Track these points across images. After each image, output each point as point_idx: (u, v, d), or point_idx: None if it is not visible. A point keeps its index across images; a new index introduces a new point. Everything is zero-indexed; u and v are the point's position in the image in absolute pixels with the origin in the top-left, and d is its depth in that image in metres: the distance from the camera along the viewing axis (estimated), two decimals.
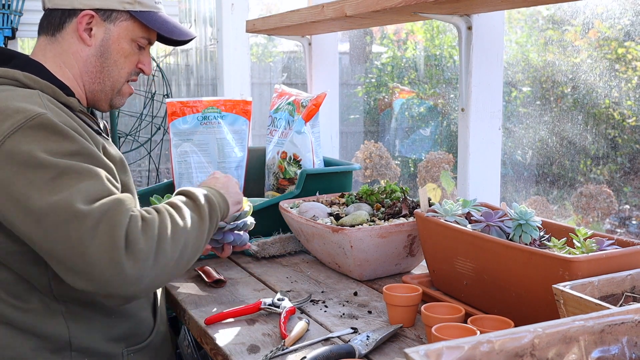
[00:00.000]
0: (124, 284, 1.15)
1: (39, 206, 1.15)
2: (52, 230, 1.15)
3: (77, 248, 1.13)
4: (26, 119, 1.22)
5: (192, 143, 2.29)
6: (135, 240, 1.16)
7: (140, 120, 3.47)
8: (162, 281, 1.23)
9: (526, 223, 1.38)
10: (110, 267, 1.13)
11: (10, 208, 1.18)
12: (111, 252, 1.13)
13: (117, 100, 1.54)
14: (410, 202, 1.85)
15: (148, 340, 1.47)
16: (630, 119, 2.65)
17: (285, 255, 2.00)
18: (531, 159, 3.07)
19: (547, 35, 3.10)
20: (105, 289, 1.15)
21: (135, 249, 1.16)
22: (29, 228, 1.17)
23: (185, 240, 1.26)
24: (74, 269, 1.15)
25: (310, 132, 2.19)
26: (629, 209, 2.68)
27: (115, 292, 1.16)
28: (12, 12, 3.02)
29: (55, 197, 1.16)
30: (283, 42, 5.10)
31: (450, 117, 3.75)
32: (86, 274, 1.14)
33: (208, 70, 4.54)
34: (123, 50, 1.48)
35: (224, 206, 1.43)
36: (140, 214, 1.21)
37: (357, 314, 1.51)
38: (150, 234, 1.19)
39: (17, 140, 1.20)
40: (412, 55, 4.46)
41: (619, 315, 0.85)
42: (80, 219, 1.14)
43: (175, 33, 1.53)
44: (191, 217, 1.30)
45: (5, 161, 1.19)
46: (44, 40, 1.46)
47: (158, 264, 1.19)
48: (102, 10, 1.44)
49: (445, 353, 0.73)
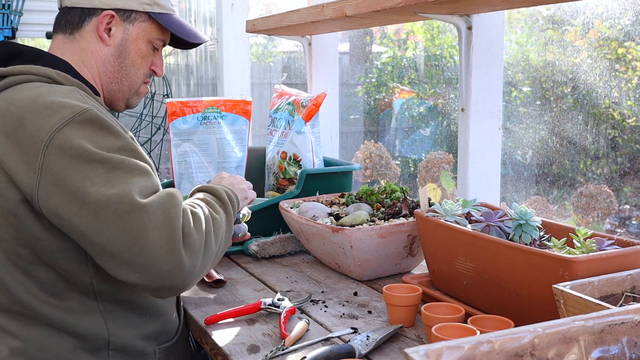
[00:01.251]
0: (181, 274, 1.18)
1: (97, 199, 1.17)
2: (110, 223, 1.16)
3: (137, 240, 1.15)
4: (74, 114, 1.23)
5: (192, 143, 2.29)
6: (189, 233, 1.20)
7: (140, 120, 3.47)
8: (205, 272, 1.28)
9: (526, 223, 1.38)
10: (170, 258, 1.16)
11: (64, 202, 1.19)
12: (171, 244, 1.16)
13: (133, 100, 1.55)
14: (410, 202, 1.85)
15: (175, 338, 1.48)
16: (630, 119, 2.65)
17: (285, 255, 2.00)
18: (531, 159, 3.07)
19: (547, 35, 3.11)
20: (160, 281, 1.18)
21: (191, 240, 1.20)
22: (84, 221, 1.18)
23: (221, 234, 1.32)
24: (129, 262, 1.16)
25: (310, 132, 2.19)
26: (629, 209, 2.69)
27: (171, 283, 1.18)
28: (12, 12, 3.02)
29: (112, 190, 1.17)
30: (283, 42, 5.10)
31: (450, 117, 3.75)
32: (143, 265, 1.16)
33: (208, 70, 4.54)
34: (140, 51, 1.49)
35: (236, 201, 1.47)
36: (189, 208, 1.25)
37: (357, 314, 1.51)
38: (200, 227, 1.24)
39: (67, 134, 1.21)
40: (412, 55, 4.46)
41: (619, 315, 0.85)
42: (139, 210, 1.16)
43: (192, 36, 1.55)
44: (221, 211, 1.35)
45: (57, 155, 1.20)
46: (62, 39, 1.46)
47: (207, 255, 1.24)
48: (122, 11, 1.45)
49: (445, 353, 0.73)
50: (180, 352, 1.51)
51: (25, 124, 1.23)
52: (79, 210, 1.18)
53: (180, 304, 1.56)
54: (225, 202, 1.38)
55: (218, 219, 1.32)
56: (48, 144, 1.20)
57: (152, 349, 1.42)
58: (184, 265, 1.18)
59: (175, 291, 1.22)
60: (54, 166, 1.19)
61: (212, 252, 1.27)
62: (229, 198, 1.41)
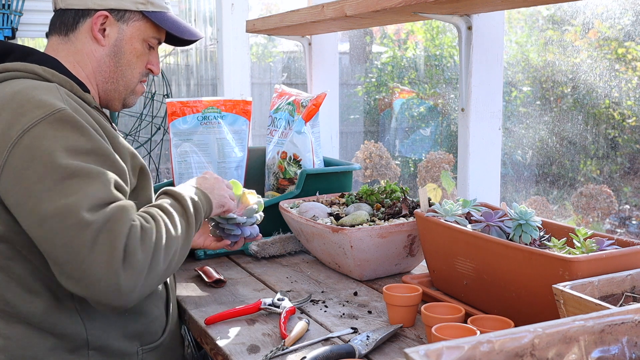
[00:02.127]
0: (116, 294, 1.16)
1: (45, 208, 1.16)
2: (53, 234, 1.15)
3: (77, 255, 1.14)
4: (46, 114, 1.24)
5: (192, 143, 2.29)
6: (133, 252, 1.17)
7: (140, 120, 3.47)
8: (149, 291, 1.23)
9: (526, 223, 1.38)
10: (106, 277, 1.14)
11: (18, 202, 1.20)
12: (109, 263, 1.14)
13: (130, 100, 1.55)
14: (410, 202, 1.85)
15: (161, 339, 1.47)
16: (630, 119, 2.65)
17: (285, 255, 2.00)
18: (531, 159, 3.07)
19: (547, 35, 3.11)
20: (97, 297, 1.16)
21: (133, 260, 1.16)
22: (31, 227, 1.19)
23: (175, 249, 1.26)
24: (69, 273, 1.16)
25: (310, 132, 2.19)
26: (629, 209, 2.69)
27: (106, 300, 1.16)
28: (12, 12, 3.02)
29: (62, 201, 1.16)
30: (283, 42, 5.09)
31: (450, 117, 3.75)
32: (81, 279, 1.15)
33: (208, 70, 4.54)
34: (136, 50, 1.49)
35: (207, 208, 1.44)
36: (140, 223, 1.21)
37: (357, 314, 1.51)
38: (147, 244, 1.19)
39: (37, 134, 1.21)
40: (412, 55, 4.46)
41: (619, 315, 0.85)
42: (83, 227, 1.14)
43: (186, 33, 1.55)
44: (180, 224, 1.30)
45: (22, 153, 1.20)
46: (56, 40, 1.46)
47: (150, 275, 1.20)
48: (115, 11, 1.45)
49: (445, 353, 0.73)
50: (168, 352, 1.50)
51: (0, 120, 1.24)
52: (29, 214, 1.18)
53: (170, 303, 1.53)
54: (188, 213, 1.33)
55: (173, 234, 1.26)
56: (16, 142, 1.21)
57: (135, 350, 1.41)
58: (120, 286, 1.15)
59: (113, 308, 1.20)
60: (17, 164, 1.20)
61: (159, 270, 1.22)
62: (194, 207, 1.36)
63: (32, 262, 1.30)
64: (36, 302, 1.31)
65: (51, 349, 1.31)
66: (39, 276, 1.30)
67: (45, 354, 1.31)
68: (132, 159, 1.39)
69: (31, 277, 1.30)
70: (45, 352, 1.31)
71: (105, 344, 1.36)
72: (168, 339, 1.49)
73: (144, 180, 1.43)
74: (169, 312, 1.52)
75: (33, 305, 1.30)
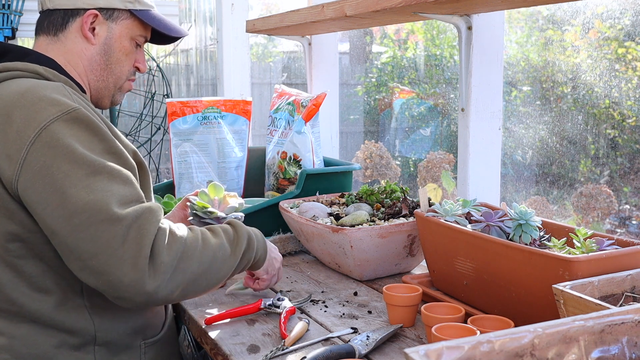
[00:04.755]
0: (139, 291, 1.17)
1: (74, 202, 1.17)
2: (83, 228, 1.17)
3: (105, 249, 1.16)
4: (62, 112, 1.25)
5: (192, 143, 2.29)
6: (159, 253, 1.19)
7: (140, 120, 3.47)
8: (175, 298, 1.25)
9: (526, 223, 1.38)
10: (132, 273, 1.16)
11: (42, 198, 1.20)
12: (136, 259, 1.16)
13: (118, 97, 1.56)
14: (410, 202, 1.85)
15: (161, 333, 1.49)
16: (630, 119, 2.65)
17: (285, 255, 2.00)
18: (531, 159, 3.07)
19: (547, 35, 3.10)
20: (119, 292, 1.18)
21: (158, 260, 1.18)
22: (57, 221, 1.19)
23: (209, 266, 1.28)
24: (93, 268, 1.17)
25: (310, 132, 2.19)
26: (629, 209, 2.68)
27: (129, 296, 1.18)
28: (12, 12, 3.02)
29: (91, 196, 1.18)
30: (283, 42, 5.09)
31: (450, 117, 3.75)
32: (105, 274, 1.16)
33: (208, 70, 4.54)
34: (125, 48, 1.51)
35: (262, 253, 1.46)
36: (169, 227, 1.23)
37: (357, 314, 1.51)
38: (174, 249, 1.21)
39: (55, 132, 1.22)
40: (412, 55, 4.46)
41: (619, 315, 0.85)
42: (113, 222, 1.16)
43: (173, 30, 1.58)
44: (223, 247, 1.32)
45: (43, 151, 1.21)
46: (45, 40, 1.47)
47: (174, 280, 1.21)
48: (105, 10, 1.47)
49: (445, 353, 0.73)
50: (168, 346, 1.51)
51: (12, 119, 1.24)
52: (54, 209, 1.19)
53: None
54: (238, 241, 1.36)
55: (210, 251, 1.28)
56: (35, 139, 1.21)
57: (138, 343, 1.42)
58: (144, 285, 1.17)
59: (135, 305, 1.21)
60: (38, 161, 1.20)
61: (185, 278, 1.23)
62: (248, 241, 1.38)
63: (43, 261, 1.30)
64: (45, 300, 1.31)
65: (57, 347, 1.32)
66: (49, 274, 1.31)
67: (50, 351, 1.31)
68: (134, 156, 1.41)
69: (41, 276, 1.31)
70: (50, 350, 1.31)
71: (111, 340, 1.37)
72: (167, 333, 1.51)
73: (143, 177, 1.45)
74: (167, 306, 1.55)
75: (41, 304, 1.31)
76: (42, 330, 1.31)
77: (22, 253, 1.29)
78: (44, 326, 1.32)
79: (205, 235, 1.31)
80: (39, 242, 1.28)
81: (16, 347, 1.30)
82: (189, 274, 1.24)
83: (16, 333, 1.31)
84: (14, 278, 1.30)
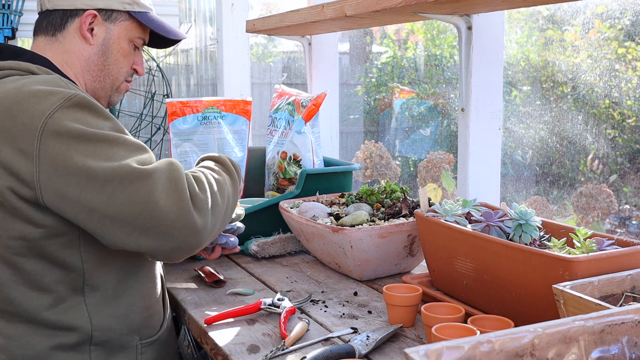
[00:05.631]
0: (194, 233, 1.24)
1: (102, 172, 1.21)
2: (118, 193, 1.20)
3: (147, 204, 1.20)
4: (63, 99, 1.26)
5: (192, 143, 2.29)
6: (195, 193, 1.26)
7: (140, 120, 3.47)
8: (217, 231, 1.34)
9: (526, 223, 1.38)
10: (182, 216, 1.22)
11: (69, 182, 1.21)
12: (180, 203, 1.22)
13: (115, 97, 1.58)
14: (410, 202, 1.85)
15: (159, 333, 1.48)
16: (630, 119, 2.65)
17: (285, 255, 2.00)
18: (531, 159, 3.07)
19: (547, 35, 3.10)
20: (174, 241, 1.23)
21: (197, 199, 1.26)
22: (91, 196, 1.21)
23: (227, 194, 1.38)
24: (141, 227, 1.21)
25: (310, 132, 2.19)
26: (629, 209, 2.68)
27: (185, 241, 1.23)
28: (12, 12, 3.02)
29: (115, 164, 1.22)
30: (283, 42, 5.09)
31: (450, 117, 3.75)
32: (157, 227, 1.21)
33: (208, 70, 4.53)
34: (123, 49, 1.52)
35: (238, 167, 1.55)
36: (191, 174, 1.32)
37: (357, 314, 1.51)
38: (204, 189, 1.30)
39: (60, 119, 1.23)
40: (412, 55, 4.46)
41: (619, 315, 0.85)
42: (144, 177, 1.22)
43: (171, 33, 1.59)
44: (224, 175, 1.43)
45: (54, 139, 1.22)
46: (43, 40, 1.47)
47: (215, 214, 1.30)
48: (103, 11, 1.47)
49: (445, 353, 0.73)
50: (165, 347, 1.51)
51: (14, 114, 1.24)
52: (84, 187, 1.21)
53: (166, 297, 1.55)
54: (227, 167, 1.46)
55: (221, 180, 1.39)
56: (42, 130, 1.22)
57: (135, 343, 1.42)
58: (195, 223, 1.23)
59: (190, 250, 1.27)
60: (53, 150, 1.21)
61: (220, 211, 1.33)
62: (233, 164, 1.49)
63: (44, 258, 1.30)
64: (43, 298, 1.31)
65: (52, 347, 1.32)
66: (49, 272, 1.31)
67: (46, 352, 1.31)
68: None
69: (41, 274, 1.31)
70: (46, 350, 1.31)
71: (108, 339, 1.37)
72: (165, 334, 1.51)
73: None
74: (165, 306, 1.54)
75: (39, 302, 1.31)
76: (38, 330, 1.31)
77: (24, 251, 1.29)
78: (40, 326, 1.31)
79: (210, 171, 1.40)
80: (40, 237, 1.28)
81: (12, 347, 1.30)
82: (221, 205, 1.33)
83: (12, 333, 1.31)
84: (12, 276, 1.30)
